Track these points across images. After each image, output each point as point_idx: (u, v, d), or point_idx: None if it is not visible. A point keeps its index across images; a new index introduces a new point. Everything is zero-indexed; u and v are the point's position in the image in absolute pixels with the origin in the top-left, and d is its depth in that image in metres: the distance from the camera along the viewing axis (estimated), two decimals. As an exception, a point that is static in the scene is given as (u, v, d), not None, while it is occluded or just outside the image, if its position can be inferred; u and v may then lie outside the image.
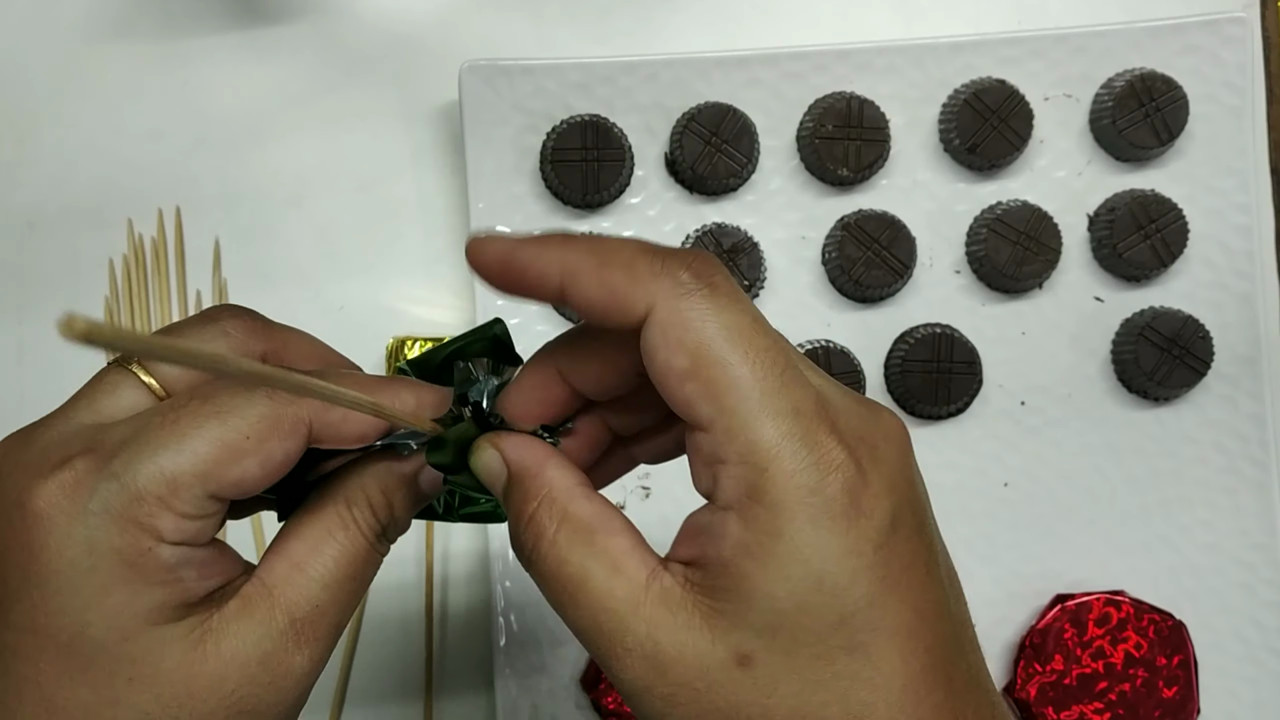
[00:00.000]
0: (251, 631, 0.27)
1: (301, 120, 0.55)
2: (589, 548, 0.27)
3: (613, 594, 0.26)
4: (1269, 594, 0.52)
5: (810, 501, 0.25)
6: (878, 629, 0.25)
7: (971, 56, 0.53)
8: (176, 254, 0.54)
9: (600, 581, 0.27)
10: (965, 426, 0.52)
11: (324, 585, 0.29)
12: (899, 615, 0.26)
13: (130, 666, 0.26)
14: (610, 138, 0.51)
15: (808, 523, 0.25)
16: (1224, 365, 0.52)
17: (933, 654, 0.26)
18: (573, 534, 0.27)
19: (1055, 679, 0.51)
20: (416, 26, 0.55)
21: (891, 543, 0.26)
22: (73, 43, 0.55)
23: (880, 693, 0.25)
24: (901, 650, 0.26)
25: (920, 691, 0.26)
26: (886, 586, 0.25)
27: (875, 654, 0.25)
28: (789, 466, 0.25)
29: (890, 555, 0.26)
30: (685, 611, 0.26)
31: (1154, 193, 0.52)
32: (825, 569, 0.25)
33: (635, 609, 0.26)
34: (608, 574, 0.27)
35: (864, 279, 0.51)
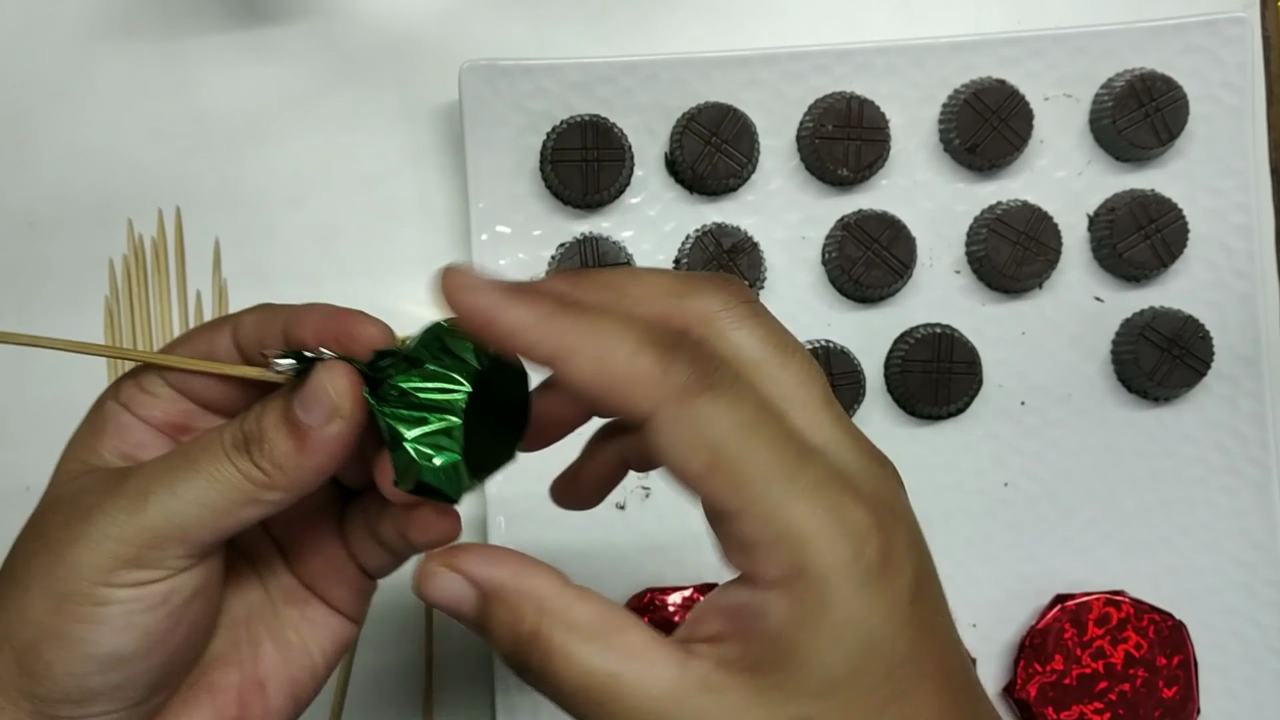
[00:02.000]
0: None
1: (301, 120, 0.55)
2: (610, 651, 0.26)
3: (650, 693, 0.26)
4: (1269, 594, 0.52)
5: (852, 571, 0.25)
6: (920, 675, 0.26)
7: (971, 56, 0.53)
8: (176, 254, 0.54)
9: (633, 683, 0.26)
10: (965, 426, 0.52)
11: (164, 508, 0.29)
12: (933, 658, 0.27)
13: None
14: (610, 138, 0.51)
15: (854, 591, 0.25)
16: (1224, 365, 0.52)
17: (955, 687, 0.27)
18: (587, 640, 0.26)
19: (1055, 679, 0.51)
20: (416, 26, 0.55)
21: (920, 596, 0.27)
22: (73, 43, 0.55)
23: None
24: (937, 689, 0.27)
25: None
26: (922, 634, 0.27)
27: (917, 697, 0.26)
28: (826, 540, 0.25)
29: (921, 609, 0.27)
30: (732, 693, 0.26)
31: (1154, 193, 0.52)
32: (873, 630, 0.26)
33: (680, 702, 0.26)
34: (639, 673, 0.26)
35: (864, 279, 0.51)
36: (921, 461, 0.52)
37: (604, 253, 0.51)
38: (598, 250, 0.51)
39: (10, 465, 0.53)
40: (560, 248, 0.51)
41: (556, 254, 0.51)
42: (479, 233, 0.51)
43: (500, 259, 0.52)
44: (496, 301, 0.26)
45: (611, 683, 0.26)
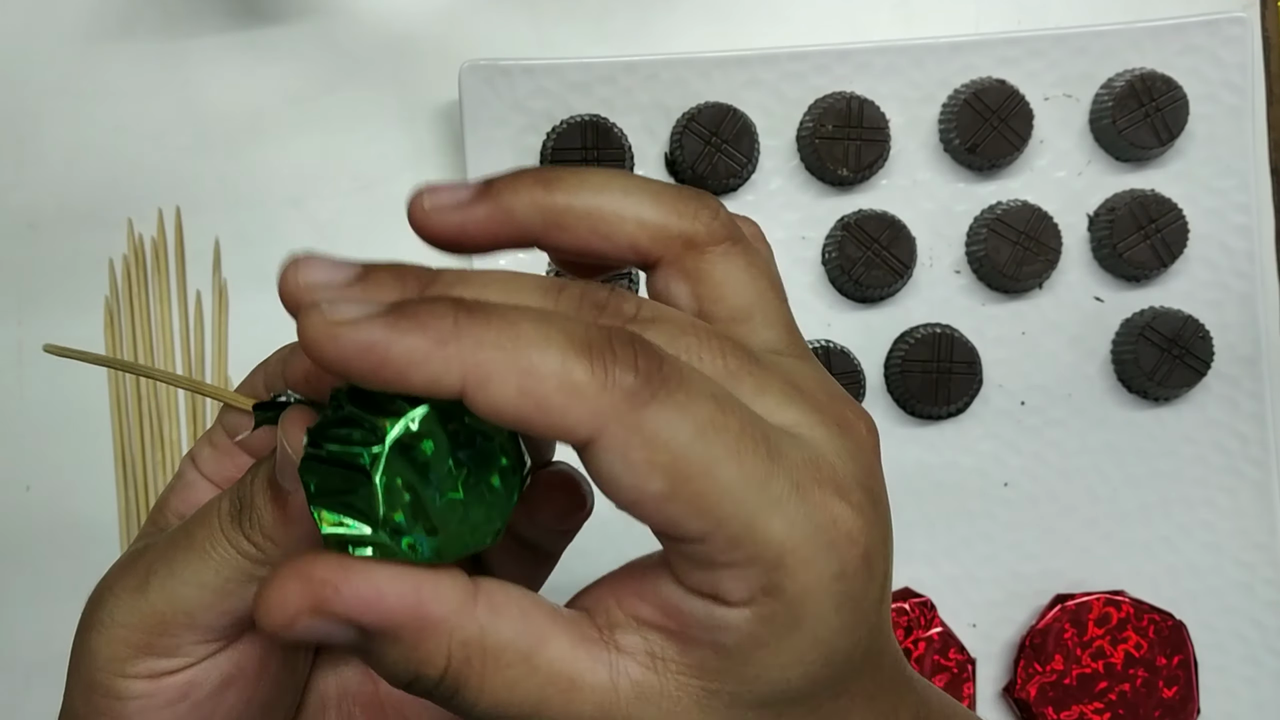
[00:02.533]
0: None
1: (301, 120, 0.55)
2: (534, 676, 0.22)
3: (581, 713, 0.23)
4: (1269, 594, 0.52)
5: (835, 589, 0.22)
6: (861, 670, 0.24)
7: (971, 56, 0.53)
8: (176, 254, 0.54)
9: (560, 707, 0.22)
10: (965, 426, 0.52)
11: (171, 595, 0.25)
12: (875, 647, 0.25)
13: None
14: (610, 138, 0.51)
15: (831, 611, 0.23)
16: (1224, 365, 0.52)
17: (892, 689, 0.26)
18: (503, 669, 0.22)
19: (1055, 679, 0.51)
20: (416, 26, 0.55)
21: (885, 589, 0.24)
22: (73, 43, 0.55)
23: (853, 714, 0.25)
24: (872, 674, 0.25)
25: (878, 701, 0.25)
26: (876, 634, 0.24)
27: (855, 688, 0.24)
28: (807, 555, 0.22)
29: (883, 602, 0.24)
30: (668, 699, 0.23)
31: (1154, 193, 0.52)
32: (838, 645, 0.23)
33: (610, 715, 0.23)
34: (565, 695, 0.22)
35: (864, 279, 0.51)
36: (921, 461, 0.52)
37: (604, 253, 0.51)
38: (598, 250, 0.51)
39: (10, 465, 0.53)
40: (560, 248, 0.51)
41: (556, 254, 0.51)
42: (479, 233, 0.51)
43: (500, 259, 0.52)
44: (378, 336, 0.20)
45: (536, 710, 0.22)
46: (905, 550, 0.52)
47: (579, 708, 0.22)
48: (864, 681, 0.25)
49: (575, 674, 0.22)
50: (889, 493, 0.27)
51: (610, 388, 0.20)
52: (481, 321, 0.20)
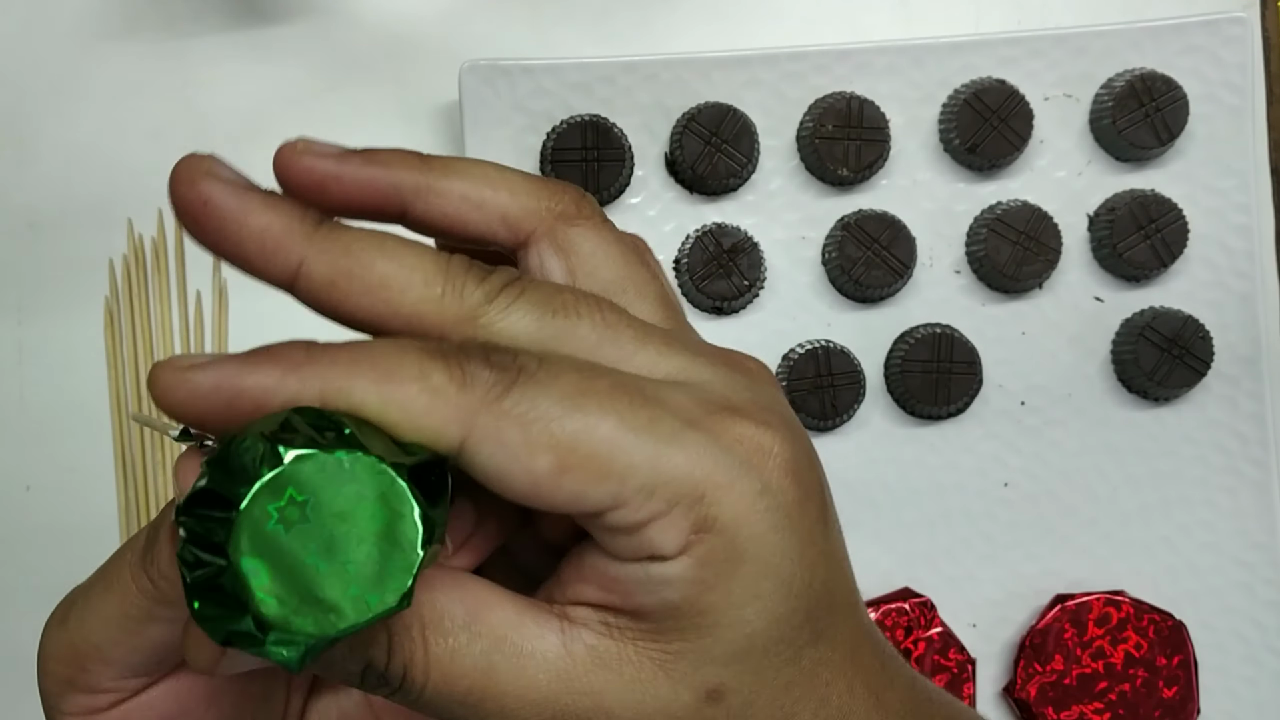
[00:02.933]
0: None
1: (301, 120, 0.55)
2: (474, 642, 0.21)
3: (534, 682, 0.21)
4: (1269, 594, 0.52)
5: (763, 505, 0.22)
6: (831, 609, 0.23)
7: (971, 56, 0.53)
8: (176, 254, 0.54)
9: (511, 676, 0.21)
10: (965, 426, 0.52)
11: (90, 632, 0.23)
12: (842, 588, 0.24)
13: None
14: (610, 138, 0.51)
15: (768, 530, 0.22)
16: (1224, 365, 0.52)
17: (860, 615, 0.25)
18: (443, 636, 0.21)
19: (1055, 679, 0.51)
20: (416, 26, 0.55)
21: (828, 518, 0.23)
22: (73, 43, 0.55)
23: (835, 669, 0.23)
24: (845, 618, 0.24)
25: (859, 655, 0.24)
26: (832, 564, 0.23)
27: (830, 634, 0.23)
28: (723, 479, 0.21)
29: (832, 528, 0.23)
30: (630, 665, 0.22)
31: (1154, 193, 0.52)
32: (791, 572, 0.22)
33: (569, 685, 0.21)
34: (515, 663, 0.21)
35: (864, 279, 0.51)
36: (921, 461, 0.52)
37: (604, 253, 0.51)
38: (598, 250, 0.51)
39: (10, 465, 0.53)
40: (560, 248, 0.51)
41: (556, 254, 0.51)
42: (479, 233, 0.51)
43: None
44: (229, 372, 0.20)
45: (486, 680, 0.21)
46: (905, 550, 0.52)
47: (532, 676, 0.21)
48: (840, 627, 0.23)
49: (523, 640, 0.22)
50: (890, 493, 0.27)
51: (470, 385, 0.20)
52: (335, 347, 0.20)
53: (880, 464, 0.51)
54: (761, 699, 0.22)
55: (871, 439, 0.52)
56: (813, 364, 0.51)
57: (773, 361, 0.52)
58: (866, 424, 0.52)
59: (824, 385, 0.51)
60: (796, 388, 0.51)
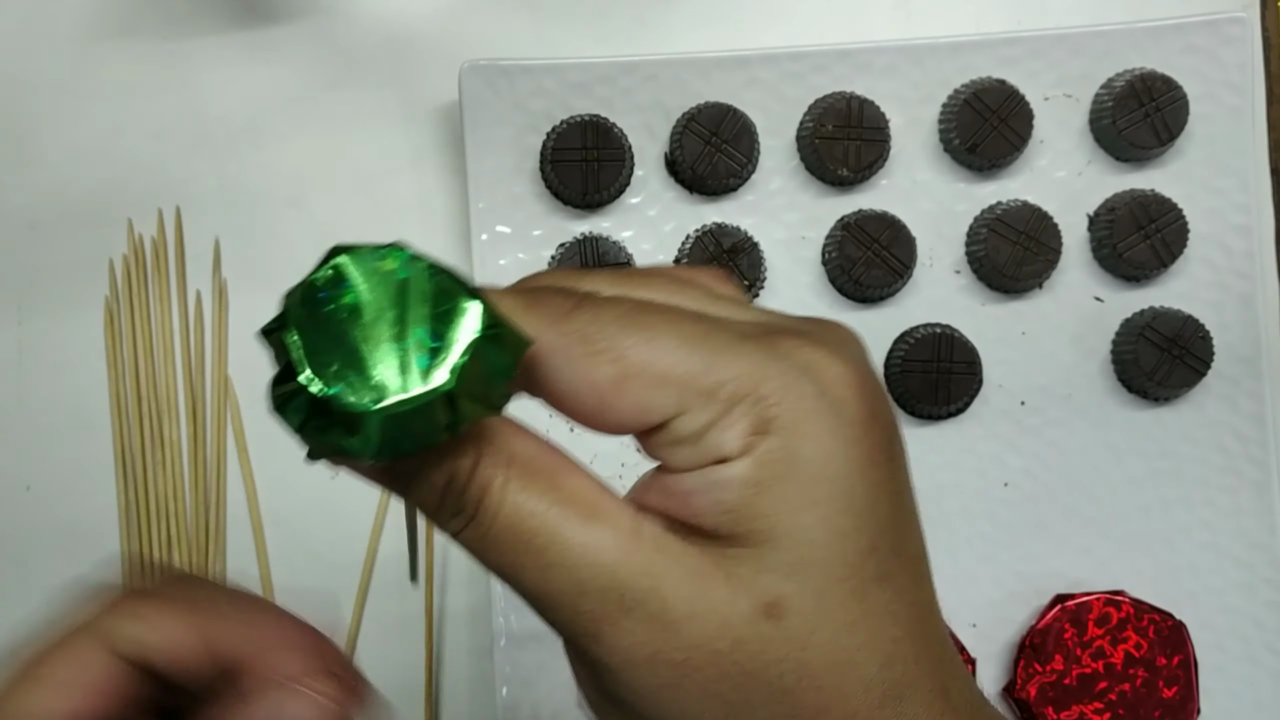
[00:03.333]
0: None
1: (301, 120, 0.55)
2: (555, 492, 0.22)
3: (599, 543, 0.22)
4: (1269, 594, 0.52)
5: (821, 407, 0.22)
6: (900, 555, 0.23)
7: (971, 56, 0.53)
8: (176, 254, 0.54)
9: (578, 529, 0.22)
10: (965, 426, 0.52)
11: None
12: (911, 541, 0.23)
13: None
14: (610, 138, 0.51)
15: (826, 434, 0.22)
16: (1224, 365, 0.52)
17: (927, 587, 0.24)
18: (529, 478, 0.22)
19: (1055, 679, 0.51)
20: (416, 26, 0.55)
21: (896, 454, 0.23)
22: (73, 43, 0.55)
23: (903, 627, 0.23)
24: (916, 579, 0.23)
25: (927, 627, 0.24)
26: (899, 505, 0.23)
27: (899, 583, 0.23)
28: (781, 382, 0.21)
29: (898, 468, 0.23)
30: (692, 558, 0.22)
31: (1154, 193, 0.52)
32: (852, 484, 0.22)
33: (630, 557, 0.22)
34: (585, 520, 0.22)
35: (864, 279, 0.51)
36: (921, 461, 0.52)
37: (604, 253, 0.51)
38: (597, 250, 0.51)
39: (10, 465, 0.53)
40: (560, 248, 0.51)
41: (556, 254, 0.51)
42: (479, 233, 0.51)
43: (500, 259, 0.52)
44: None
45: (552, 528, 0.22)
46: (905, 550, 0.52)
47: (598, 539, 0.22)
48: (907, 581, 0.23)
49: (599, 503, 0.22)
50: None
51: (536, 306, 0.22)
52: None
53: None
54: (824, 630, 0.22)
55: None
56: (813, 364, 0.51)
57: (773, 361, 0.52)
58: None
59: (824, 385, 0.51)
60: (796, 388, 0.51)
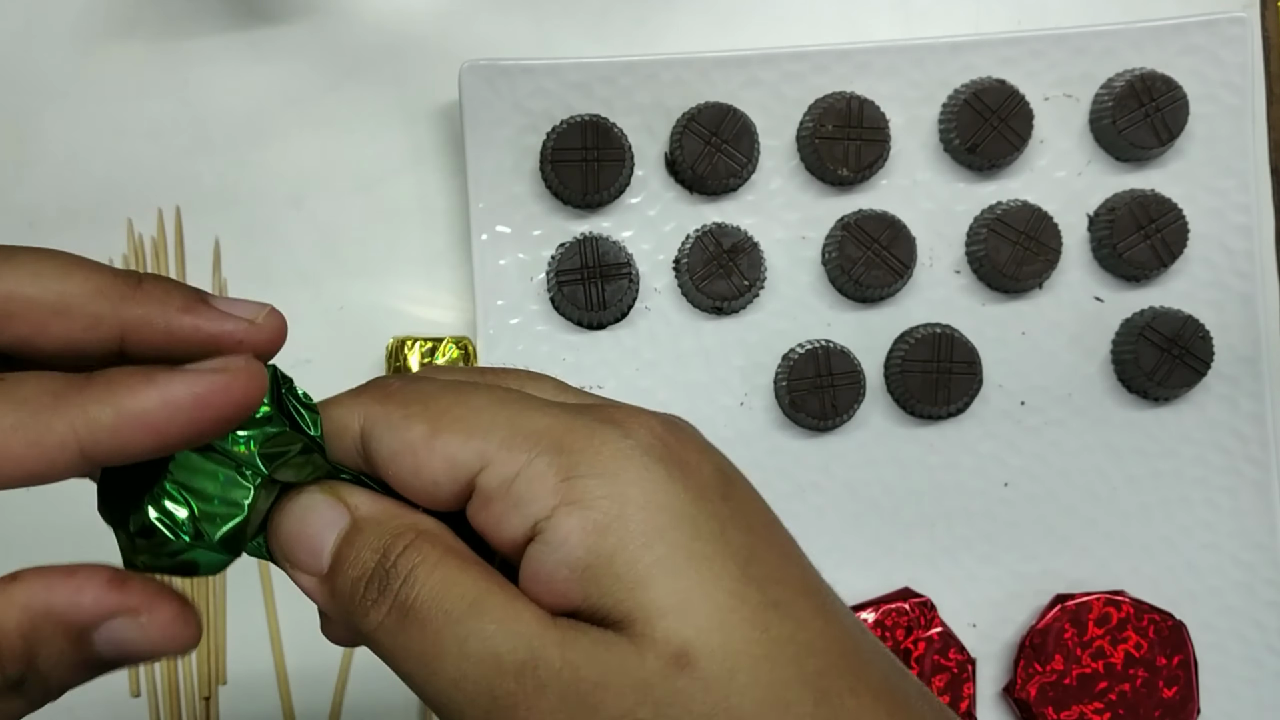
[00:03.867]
0: None
1: (301, 120, 0.55)
2: (483, 575, 0.22)
3: (520, 614, 0.22)
4: (1269, 594, 0.52)
5: (627, 447, 0.22)
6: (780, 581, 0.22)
7: (971, 56, 0.53)
8: (176, 254, 0.54)
9: (500, 605, 0.22)
10: (965, 426, 0.52)
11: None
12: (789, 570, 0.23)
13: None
14: (610, 138, 0.51)
15: (641, 471, 0.22)
16: (1224, 365, 0.52)
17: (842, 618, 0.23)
18: (461, 563, 0.22)
19: (1055, 679, 0.51)
20: (416, 26, 0.55)
21: (735, 496, 0.23)
22: (73, 43, 0.55)
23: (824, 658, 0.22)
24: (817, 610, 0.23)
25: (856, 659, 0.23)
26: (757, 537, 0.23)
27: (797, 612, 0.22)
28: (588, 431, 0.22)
29: (742, 508, 0.23)
30: (596, 629, 0.22)
31: (1154, 193, 0.52)
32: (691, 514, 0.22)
33: (546, 629, 0.22)
34: (508, 599, 0.22)
35: (864, 279, 0.51)
36: (921, 461, 0.52)
37: (604, 253, 0.51)
38: (597, 250, 0.51)
39: (10, 465, 0.53)
40: (560, 248, 0.51)
41: (556, 254, 0.51)
42: (479, 233, 0.51)
43: (500, 259, 0.52)
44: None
45: (475, 597, 0.22)
46: (905, 550, 0.52)
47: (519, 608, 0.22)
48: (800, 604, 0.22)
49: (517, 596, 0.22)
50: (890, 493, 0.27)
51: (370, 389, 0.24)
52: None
53: (880, 464, 0.51)
54: (742, 671, 0.21)
55: (871, 439, 0.52)
56: (813, 364, 0.51)
57: (773, 361, 0.52)
58: (866, 424, 0.52)
59: (824, 385, 0.51)
60: (796, 388, 0.51)
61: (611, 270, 0.51)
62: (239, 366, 0.22)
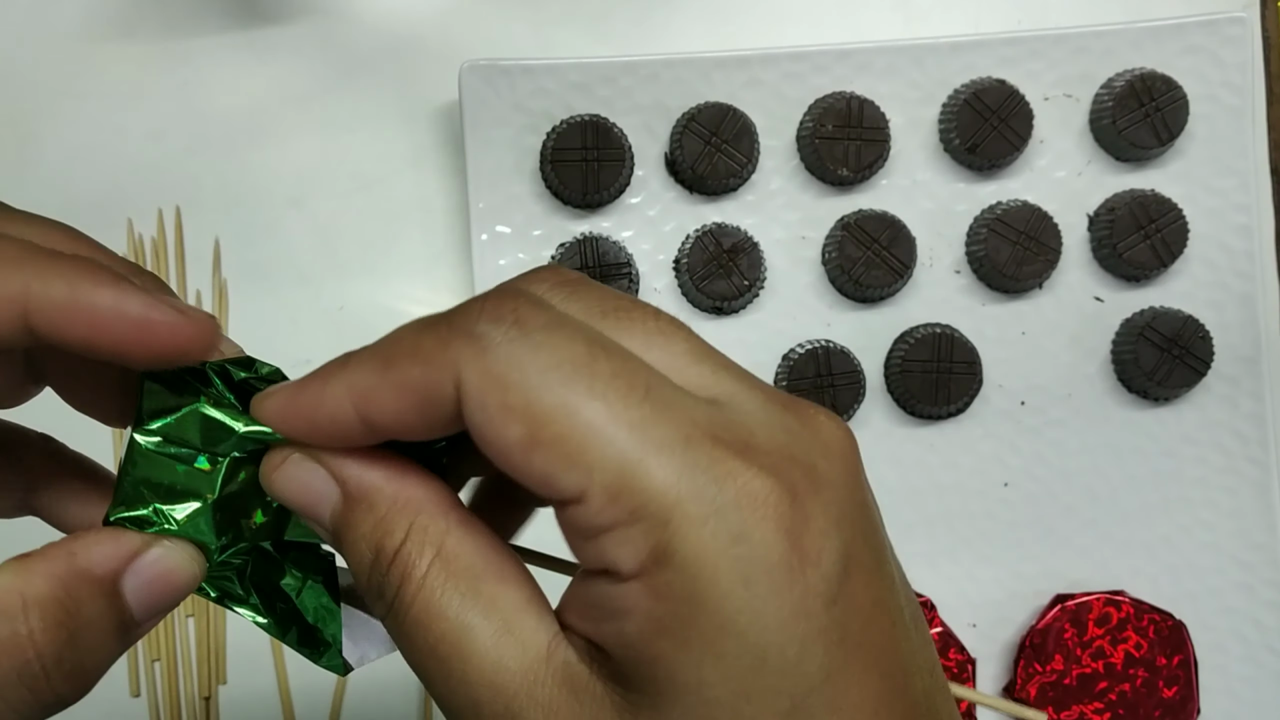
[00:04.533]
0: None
1: (301, 120, 0.55)
2: (473, 597, 0.21)
3: (503, 663, 0.20)
4: (1269, 594, 0.52)
5: (735, 553, 0.19)
6: (839, 709, 0.20)
7: (971, 56, 0.53)
8: (176, 254, 0.54)
9: (486, 644, 0.20)
10: (965, 426, 0.52)
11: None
12: (864, 687, 0.20)
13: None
14: (610, 138, 0.51)
15: (738, 583, 0.19)
16: (1224, 365, 0.52)
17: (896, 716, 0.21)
18: (450, 575, 0.21)
19: (1055, 679, 0.51)
20: (416, 26, 0.55)
21: (847, 593, 0.20)
22: (73, 43, 0.55)
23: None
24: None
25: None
26: (846, 652, 0.20)
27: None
28: (698, 511, 0.19)
29: (848, 611, 0.20)
30: (593, 700, 0.20)
31: (1154, 193, 0.52)
32: (767, 641, 0.19)
33: (531, 687, 0.20)
34: (497, 635, 0.20)
35: (864, 279, 0.51)
36: (921, 461, 0.52)
37: (604, 253, 0.51)
38: (598, 250, 0.51)
39: (10, 465, 0.53)
40: (560, 248, 0.51)
41: (556, 254, 0.51)
42: (479, 233, 0.51)
43: (500, 259, 0.52)
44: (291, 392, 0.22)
45: (459, 635, 0.20)
46: (905, 550, 0.52)
47: (504, 659, 0.20)
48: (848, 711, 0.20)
49: (517, 618, 0.21)
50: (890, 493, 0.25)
51: (455, 339, 0.20)
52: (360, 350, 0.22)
53: (880, 464, 0.51)
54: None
55: (871, 439, 0.52)
56: (813, 364, 0.51)
57: (773, 361, 0.52)
58: (866, 424, 0.52)
59: (824, 385, 0.51)
60: (796, 388, 0.51)
61: (611, 270, 0.51)
62: (199, 317, 0.22)
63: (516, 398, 0.19)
